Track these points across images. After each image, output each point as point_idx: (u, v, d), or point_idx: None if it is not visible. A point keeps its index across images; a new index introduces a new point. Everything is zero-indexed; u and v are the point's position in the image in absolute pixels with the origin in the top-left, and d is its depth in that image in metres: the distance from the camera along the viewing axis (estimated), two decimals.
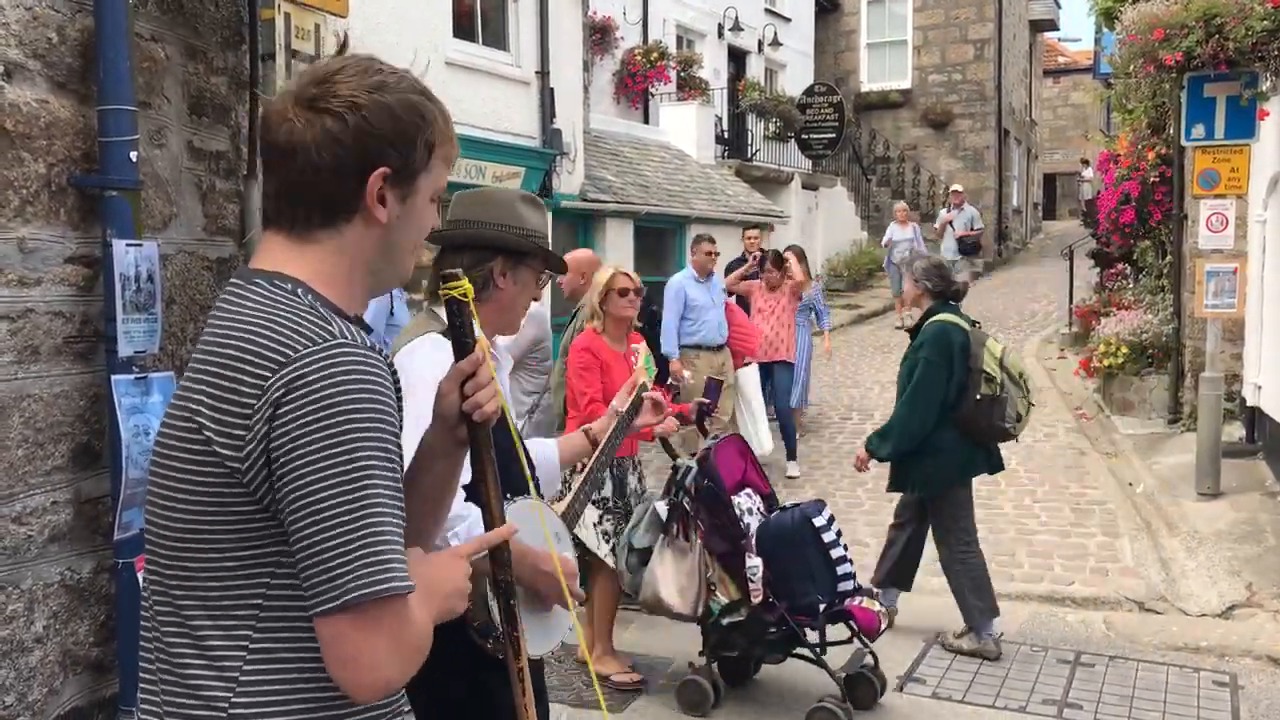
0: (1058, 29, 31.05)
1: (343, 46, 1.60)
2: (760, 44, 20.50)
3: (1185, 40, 7.76)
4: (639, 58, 16.51)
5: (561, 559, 2.36)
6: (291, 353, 1.39)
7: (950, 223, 17.18)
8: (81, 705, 2.85)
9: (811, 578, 4.74)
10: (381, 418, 1.39)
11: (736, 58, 20.21)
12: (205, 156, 3.33)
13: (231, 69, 3.42)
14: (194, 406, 1.42)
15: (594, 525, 5.02)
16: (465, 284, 1.63)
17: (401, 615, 1.38)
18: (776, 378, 9.67)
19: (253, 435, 1.37)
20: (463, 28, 10.87)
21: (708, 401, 5.06)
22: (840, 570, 4.79)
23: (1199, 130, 8.07)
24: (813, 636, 4.74)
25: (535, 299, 2.66)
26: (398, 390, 1.48)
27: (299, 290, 1.47)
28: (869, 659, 4.94)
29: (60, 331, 2.75)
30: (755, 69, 20.60)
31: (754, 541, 4.74)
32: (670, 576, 4.64)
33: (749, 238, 11.39)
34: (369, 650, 1.36)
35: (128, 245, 2.79)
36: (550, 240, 2.64)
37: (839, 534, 4.86)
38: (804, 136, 20.20)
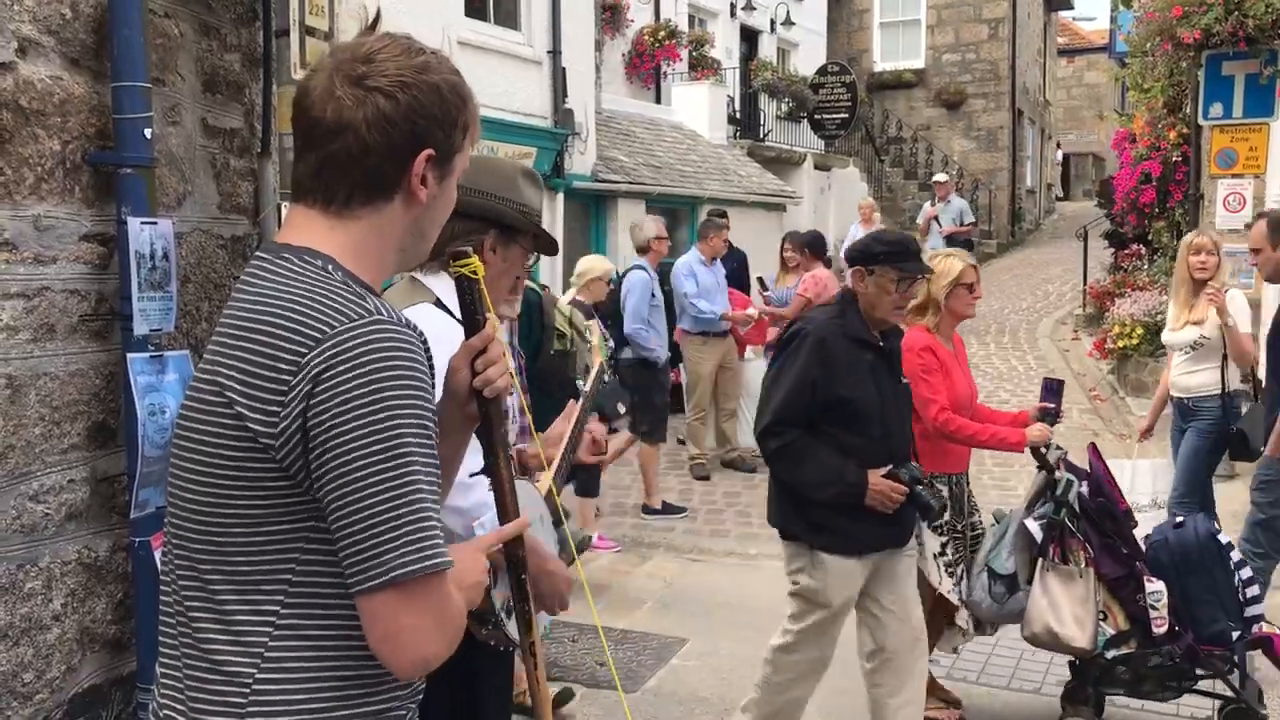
0: (1072, 8, 30.82)
1: (374, 23, 1.59)
2: (772, 23, 20.36)
3: (1204, 17, 7.70)
4: (650, 37, 16.41)
5: (555, 562, 2.35)
6: (329, 328, 1.38)
7: (935, 218, 14.26)
8: (99, 683, 2.86)
9: (1220, 603, 4.17)
10: (419, 394, 1.39)
11: (748, 37, 20.09)
12: (219, 134, 3.31)
13: (245, 46, 3.40)
14: (223, 381, 1.41)
15: (935, 556, 4.27)
16: (475, 261, 1.65)
17: (444, 592, 1.40)
18: None
19: (289, 412, 1.36)
20: (474, 7, 10.83)
21: (1051, 406, 4.51)
22: (1249, 593, 4.23)
23: (1217, 109, 8.02)
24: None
25: (520, 278, 2.59)
26: (431, 365, 1.48)
27: (329, 266, 1.47)
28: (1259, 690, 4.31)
29: (76, 310, 2.75)
30: (767, 48, 20.47)
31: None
32: (1064, 606, 4.04)
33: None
34: (414, 626, 1.37)
35: (143, 223, 2.78)
36: (558, 222, 2.60)
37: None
38: (817, 116, 20.08)
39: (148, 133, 2.79)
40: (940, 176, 15.48)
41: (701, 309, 8.36)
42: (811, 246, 9.05)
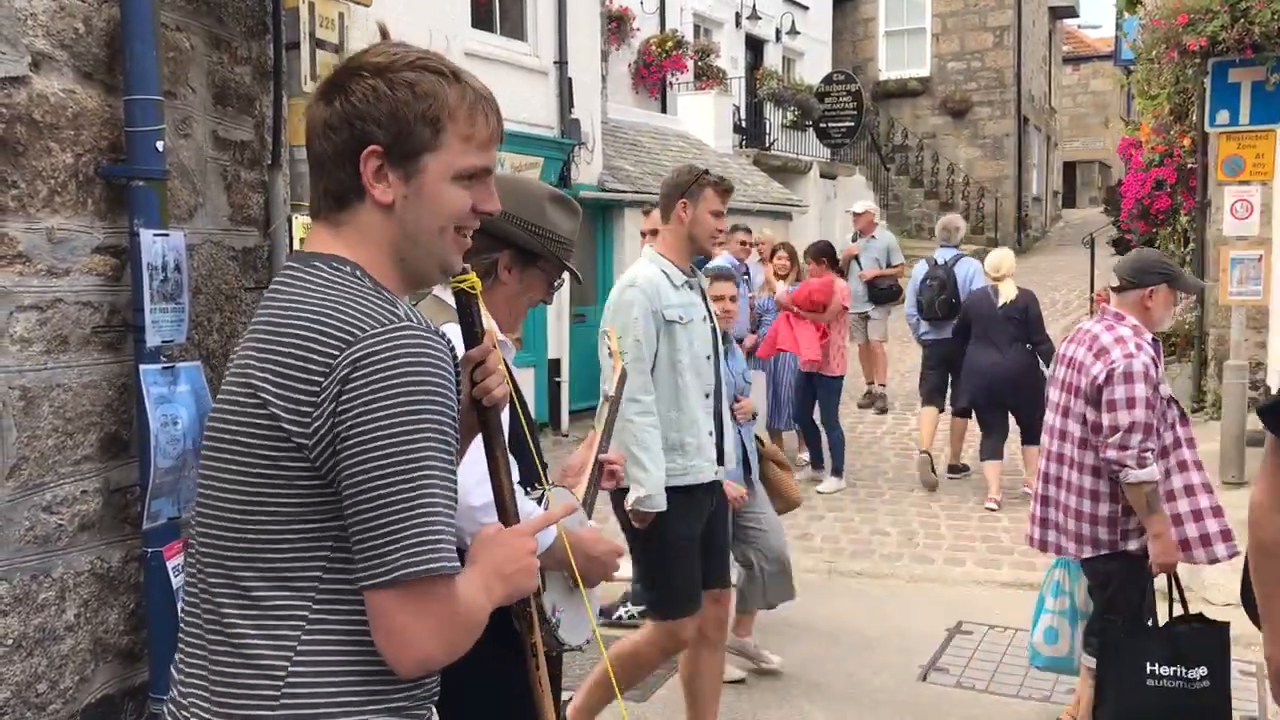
0: (1077, 15, 30.82)
1: (383, 36, 1.63)
2: (778, 32, 20.41)
3: (1210, 25, 7.71)
4: (656, 47, 16.46)
5: (603, 541, 2.43)
6: (360, 332, 1.42)
7: (856, 257, 11.15)
8: (112, 693, 2.87)
9: None
10: (442, 400, 1.43)
11: (754, 46, 20.14)
12: (230, 146, 3.33)
13: (256, 58, 3.42)
14: (257, 384, 1.45)
15: None
16: (472, 277, 1.72)
17: (446, 596, 1.42)
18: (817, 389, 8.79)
19: (320, 412, 1.40)
20: (480, 18, 10.87)
21: None
22: None
23: (1223, 116, 8.01)
24: None
25: (546, 302, 2.60)
26: (458, 374, 1.51)
27: (358, 272, 1.52)
28: None
29: (89, 321, 2.76)
30: (773, 57, 20.51)
31: None
32: None
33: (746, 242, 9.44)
34: (413, 626, 1.40)
35: (155, 235, 2.80)
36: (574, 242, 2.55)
37: None
38: (822, 125, 20.11)
39: (160, 145, 2.81)
40: (860, 206, 11.96)
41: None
42: (829, 255, 9.09)
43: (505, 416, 1.96)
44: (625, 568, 5.97)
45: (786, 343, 8.73)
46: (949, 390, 8.81)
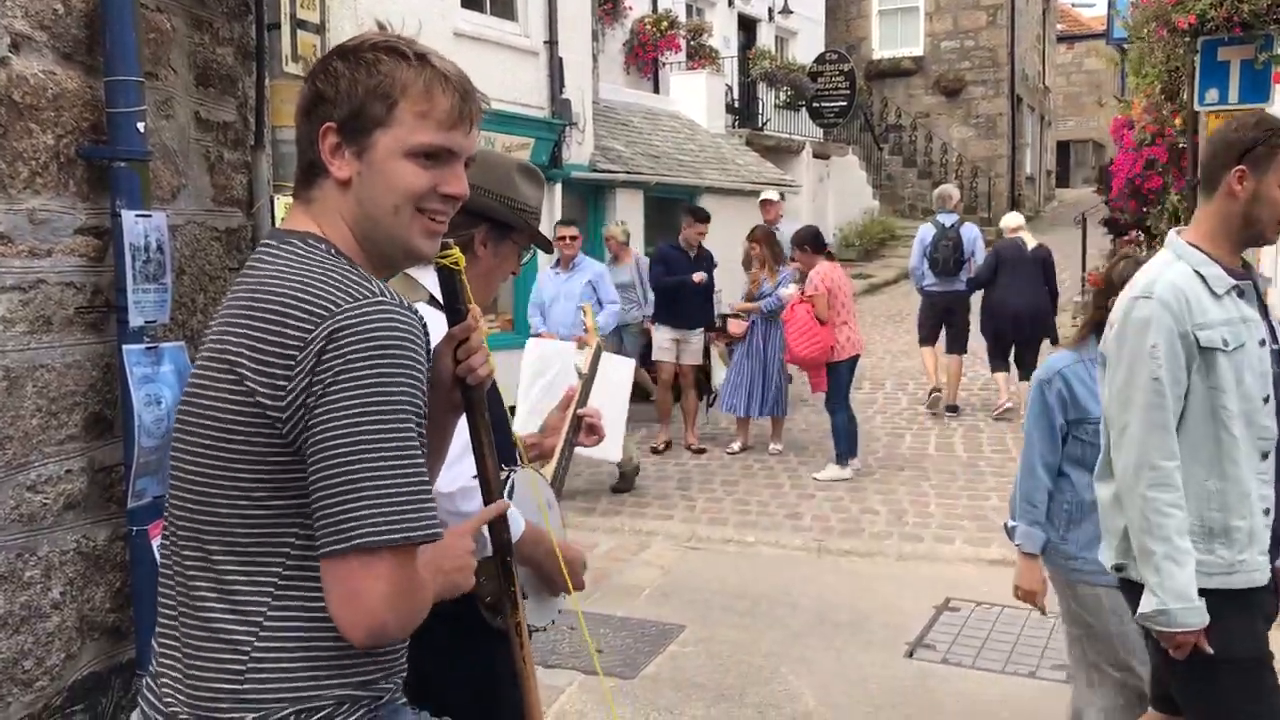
0: None
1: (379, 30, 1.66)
2: (770, 11, 20.35)
3: (1198, 3, 7.69)
4: (648, 27, 16.41)
5: (568, 546, 2.38)
6: (335, 306, 1.44)
7: None
8: (99, 670, 2.90)
9: None
10: (413, 375, 1.45)
11: (746, 26, 20.07)
12: (213, 127, 3.34)
13: (238, 39, 3.43)
14: (233, 358, 1.47)
15: None
16: (456, 253, 1.71)
17: (408, 566, 1.43)
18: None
19: (295, 386, 1.42)
20: None
21: None
22: None
23: (1213, 94, 8.00)
24: None
25: (514, 273, 2.61)
26: (429, 349, 1.53)
27: (333, 250, 1.54)
28: None
29: (72, 302, 2.78)
30: (765, 37, 20.45)
31: None
32: None
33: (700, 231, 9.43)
34: (371, 591, 1.40)
35: (137, 216, 2.81)
36: (556, 213, 2.58)
37: None
38: (815, 105, 20.07)
39: (141, 126, 2.82)
40: (770, 194, 11.23)
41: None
42: (812, 242, 8.91)
43: None
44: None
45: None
46: (943, 332, 10.33)
